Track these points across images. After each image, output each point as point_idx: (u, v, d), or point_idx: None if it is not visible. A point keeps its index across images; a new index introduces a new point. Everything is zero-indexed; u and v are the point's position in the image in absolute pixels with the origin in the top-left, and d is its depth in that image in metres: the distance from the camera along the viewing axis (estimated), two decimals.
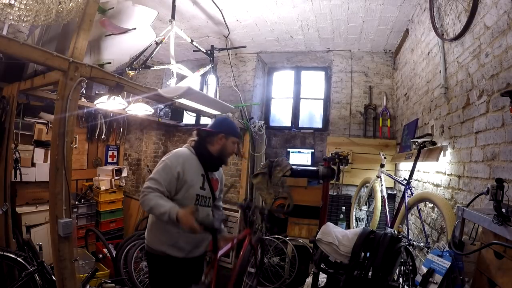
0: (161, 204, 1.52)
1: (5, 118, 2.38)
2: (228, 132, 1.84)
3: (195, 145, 1.83)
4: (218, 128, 1.84)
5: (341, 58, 4.40)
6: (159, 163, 1.70)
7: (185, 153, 1.77)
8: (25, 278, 2.14)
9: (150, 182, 1.62)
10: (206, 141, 1.83)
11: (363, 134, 4.18)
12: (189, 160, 1.74)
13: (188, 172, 1.69)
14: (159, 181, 1.60)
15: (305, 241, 3.59)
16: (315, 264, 1.80)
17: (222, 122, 1.89)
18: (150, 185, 1.59)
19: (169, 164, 1.66)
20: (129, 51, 2.42)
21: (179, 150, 1.79)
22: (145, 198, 1.56)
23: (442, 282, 1.34)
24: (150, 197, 1.55)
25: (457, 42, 2.03)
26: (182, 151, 1.78)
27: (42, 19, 1.62)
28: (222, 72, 4.76)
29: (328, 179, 2.13)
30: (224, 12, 3.51)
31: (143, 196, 1.57)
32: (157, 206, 1.52)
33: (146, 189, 1.58)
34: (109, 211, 4.35)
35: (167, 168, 1.65)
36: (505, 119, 1.45)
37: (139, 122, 5.26)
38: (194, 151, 1.80)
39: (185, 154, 1.76)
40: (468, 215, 1.34)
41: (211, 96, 3.54)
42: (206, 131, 1.84)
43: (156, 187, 1.59)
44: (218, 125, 1.86)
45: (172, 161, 1.68)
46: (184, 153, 1.77)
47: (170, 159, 1.69)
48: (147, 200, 1.55)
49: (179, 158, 1.70)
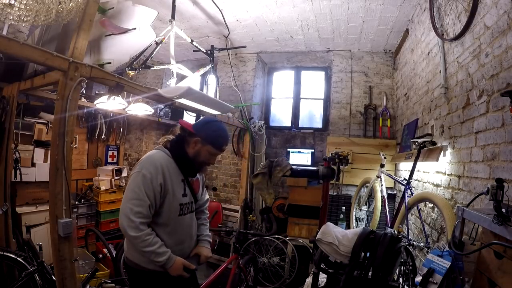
0: (160, 253, 1.40)
1: (5, 118, 2.38)
2: (207, 139, 1.55)
3: (172, 146, 1.59)
4: (197, 130, 1.56)
5: (341, 58, 4.40)
6: (133, 174, 1.44)
7: (161, 158, 1.51)
8: (25, 278, 2.14)
9: (132, 204, 1.37)
10: (185, 140, 1.59)
11: (363, 134, 4.18)
12: (167, 165, 1.50)
13: (168, 180, 1.48)
14: (142, 198, 1.38)
15: (305, 241, 3.59)
16: (315, 264, 1.79)
17: (205, 125, 1.59)
18: (137, 210, 1.36)
19: (148, 176, 1.41)
20: (129, 51, 2.41)
21: (153, 155, 1.52)
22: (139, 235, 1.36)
23: (442, 282, 1.34)
24: (145, 238, 1.37)
25: (457, 42, 2.03)
26: (157, 156, 1.52)
27: (42, 19, 1.61)
28: (222, 72, 4.76)
29: (328, 179, 2.13)
30: (224, 12, 3.51)
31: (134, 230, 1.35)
32: (155, 251, 1.39)
33: (134, 217, 1.35)
34: (109, 211, 4.35)
35: (147, 182, 1.40)
36: (505, 119, 1.45)
37: (139, 122, 5.26)
38: (170, 153, 1.56)
39: (161, 159, 1.50)
40: (468, 215, 1.34)
41: (211, 96, 3.54)
42: (188, 130, 1.58)
43: (147, 213, 1.39)
44: (199, 127, 1.57)
45: (150, 171, 1.43)
46: (160, 157, 1.51)
47: (147, 169, 1.43)
48: (141, 241, 1.37)
49: (157, 166, 1.46)
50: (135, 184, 1.41)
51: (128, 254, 1.55)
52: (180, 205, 1.55)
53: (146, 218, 1.40)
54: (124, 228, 1.38)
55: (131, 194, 1.40)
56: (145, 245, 1.38)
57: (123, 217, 1.38)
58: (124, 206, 1.40)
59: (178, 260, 1.48)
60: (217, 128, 1.60)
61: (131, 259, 1.52)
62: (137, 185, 1.40)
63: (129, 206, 1.38)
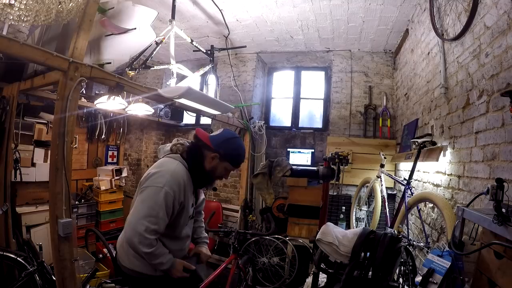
0: (163, 263, 1.39)
1: (5, 118, 2.38)
2: (226, 156, 1.52)
3: (189, 158, 1.52)
4: (217, 146, 1.51)
5: (341, 58, 4.40)
6: (153, 189, 1.34)
7: (181, 171, 1.45)
8: (25, 278, 2.14)
9: (149, 222, 1.30)
10: (201, 153, 1.53)
11: (363, 134, 4.18)
12: (186, 181, 1.45)
13: (186, 196, 1.47)
14: (161, 217, 1.33)
15: (305, 241, 3.60)
16: (315, 264, 1.79)
17: (225, 142, 1.52)
18: (153, 228, 1.31)
19: (171, 194, 1.35)
20: (129, 51, 2.42)
21: (176, 170, 1.43)
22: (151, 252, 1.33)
23: (442, 282, 1.34)
24: (156, 252, 1.35)
25: (457, 42, 2.03)
26: (180, 171, 1.44)
27: (42, 19, 1.61)
28: (222, 72, 4.76)
29: (328, 179, 2.13)
30: (224, 12, 3.51)
31: (146, 247, 1.31)
32: (162, 261, 1.39)
33: (149, 235, 1.30)
34: (109, 211, 4.35)
35: (170, 200, 1.35)
36: (505, 119, 1.45)
37: (139, 122, 5.26)
38: (186, 165, 1.50)
39: (183, 175, 1.44)
40: (468, 215, 1.34)
41: (211, 96, 3.54)
42: (206, 144, 1.52)
43: (162, 230, 1.36)
44: (220, 143, 1.51)
45: (174, 190, 1.37)
46: (182, 172, 1.45)
47: (171, 187, 1.35)
48: (153, 256, 1.35)
49: (180, 183, 1.40)
50: (155, 201, 1.32)
51: (124, 261, 1.50)
52: (189, 216, 1.56)
53: (160, 234, 1.37)
54: (134, 245, 1.31)
55: (149, 211, 1.31)
56: (155, 258, 1.37)
57: (135, 234, 1.30)
58: (138, 222, 1.30)
59: (178, 262, 1.48)
60: (238, 146, 1.57)
61: (128, 267, 1.49)
62: (158, 202, 1.32)
63: (146, 224, 1.30)
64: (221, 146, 1.51)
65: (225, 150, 1.51)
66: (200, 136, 1.55)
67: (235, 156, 1.55)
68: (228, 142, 1.53)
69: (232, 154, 1.54)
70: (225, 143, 1.52)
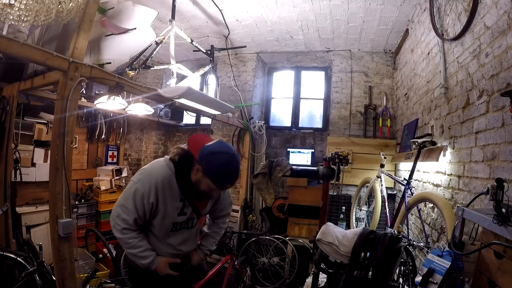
0: (142, 256, 1.43)
1: (5, 118, 2.38)
2: (207, 172, 1.34)
3: (178, 164, 1.44)
4: (200, 158, 1.35)
5: (341, 58, 4.40)
6: (131, 182, 1.43)
7: (162, 174, 1.40)
8: (25, 278, 2.13)
9: (121, 210, 1.39)
10: (189, 162, 1.42)
11: (363, 134, 4.18)
12: (164, 184, 1.40)
13: (161, 200, 1.41)
14: (130, 209, 1.37)
15: (305, 241, 3.59)
16: (315, 264, 1.79)
17: (210, 155, 1.34)
18: (123, 217, 1.38)
19: (140, 191, 1.37)
20: (129, 51, 2.42)
21: (155, 169, 1.43)
22: (122, 238, 1.40)
23: (442, 282, 1.34)
24: (128, 241, 1.41)
25: (457, 42, 2.03)
26: (158, 171, 1.42)
27: (42, 19, 1.61)
28: (222, 72, 4.76)
29: (328, 179, 2.13)
30: (224, 12, 3.51)
31: (118, 233, 1.40)
32: (137, 254, 1.43)
33: (120, 222, 1.39)
34: (109, 211, 4.31)
35: (138, 197, 1.37)
36: (505, 119, 1.45)
37: (139, 122, 5.26)
38: (174, 169, 1.43)
39: (160, 176, 1.40)
40: (468, 215, 1.34)
41: (211, 96, 3.54)
42: (192, 153, 1.42)
43: (132, 223, 1.39)
44: (203, 155, 1.35)
45: (144, 188, 1.37)
46: (160, 174, 1.40)
47: (142, 185, 1.38)
48: (124, 243, 1.43)
49: (152, 184, 1.37)
50: (128, 194, 1.40)
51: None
52: (173, 223, 1.50)
53: (130, 226, 1.41)
54: (112, 227, 1.45)
55: (123, 201, 1.42)
56: (128, 247, 1.44)
57: (112, 218, 1.44)
58: (115, 208, 1.44)
59: (162, 260, 1.49)
60: (223, 162, 1.33)
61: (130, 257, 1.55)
62: (129, 195, 1.39)
63: (118, 210, 1.41)
64: (204, 159, 1.35)
65: (207, 164, 1.33)
66: (189, 144, 1.44)
67: (216, 174, 1.34)
68: (213, 156, 1.33)
69: (212, 171, 1.33)
70: (210, 156, 1.33)
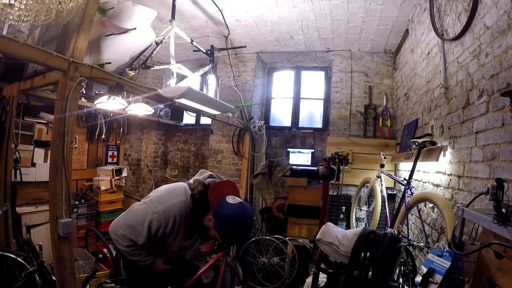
0: (143, 260, 1.53)
1: (5, 118, 2.38)
2: (219, 229, 1.43)
3: (196, 203, 1.49)
4: (216, 214, 1.42)
5: (341, 58, 4.40)
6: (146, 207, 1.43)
7: (179, 211, 1.45)
8: (25, 278, 2.14)
9: (130, 231, 1.41)
10: (205, 207, 1.48)
11: (363, 134, 4.18)
12: (181, 219, 1.46)
13: (175, 232, 1.49)
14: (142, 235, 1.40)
15: (305, 241, 3.59)
16: (315, 264, 1.80)
17: (226, 219, 1.39)
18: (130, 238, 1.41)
19: (156, 224, 1.40)
20: (129, 51, 2.41)
21: (173, 205, 1.45)
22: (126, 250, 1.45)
23: (442, 282, 1.34)
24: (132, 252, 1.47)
25: (457, 42, 2.03)
26: (176, 207, 1.45)
27: (42, 19, 1.61)
28: (222, 72, 4.76)
29: (328, 179, 2.13)
30: (224, 12, 3.51)
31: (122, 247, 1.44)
32: (138, 260, 1.52)
33: (126, 241, 1.42)
34: (109, 211, 4.35)
35: (153, 228, 1.40)
36: (505, 119, 1.45)
37: (139, 122, 5.26)
38: (190, 206, 1.48)
39: (178, 213, 1.45)
40: (468, 215, 1.34)
41: (211, 96, 3.54)
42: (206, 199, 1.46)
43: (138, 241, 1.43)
44: (220, 215, 1.41)
45: (160, 220, 1.41)
46: (178, 211, 1.45)
47: (159, 218, 1.40)
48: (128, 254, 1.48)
49: (169, 219, 1.42)
50: (141, 219, 1.41)
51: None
52: (180, 247, 1.61)
53: (134, 246, 1.46)
54: (114, 240, 1.47)
55: (133, 222, 1.43)
56: (130, 255, 1.50)
57: (115, 233, 1.45)
58: (120, 225, 1.45)
59: (158, 260, 1.61)
60: (236, 230, 1.41)
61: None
62: (143, 222, 1.40)
63: (125, 230, 1.42)
64: (218, 217, 1.42)
65: (219, 224, 1.42)
66: (210, 194, 1.46)
67: (225, 236, 1.44)
68: (228, 221, 1.40)
69: (223, 232, 1.43)
70: (225, 219, 1.40)
